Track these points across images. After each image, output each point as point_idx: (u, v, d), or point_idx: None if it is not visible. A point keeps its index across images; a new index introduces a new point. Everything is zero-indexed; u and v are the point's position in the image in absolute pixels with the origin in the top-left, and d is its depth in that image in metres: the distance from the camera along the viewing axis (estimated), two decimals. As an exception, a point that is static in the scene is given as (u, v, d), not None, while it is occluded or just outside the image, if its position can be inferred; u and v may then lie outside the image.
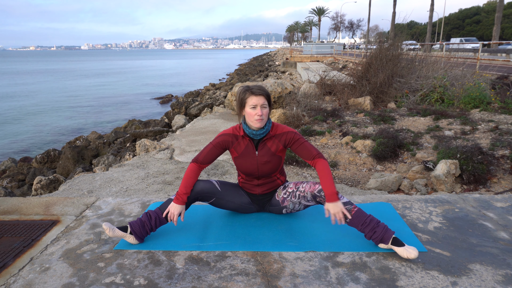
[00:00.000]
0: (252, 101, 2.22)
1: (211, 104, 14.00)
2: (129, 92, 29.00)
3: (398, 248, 2.08)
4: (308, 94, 9.44)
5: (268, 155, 2.35)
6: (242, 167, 2.40)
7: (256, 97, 2.22)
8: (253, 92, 2.23)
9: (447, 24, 67.77)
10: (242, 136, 2.36)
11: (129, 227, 2.25)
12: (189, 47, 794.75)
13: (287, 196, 2.47)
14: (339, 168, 4.67)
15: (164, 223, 2.32)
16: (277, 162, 2.39)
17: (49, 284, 1.91)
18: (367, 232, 2.15)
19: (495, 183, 3.85)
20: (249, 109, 2.23)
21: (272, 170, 2.41)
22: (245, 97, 2.24)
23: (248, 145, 2.36)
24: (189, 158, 5.18)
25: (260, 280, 1.91)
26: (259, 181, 2.45)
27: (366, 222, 2.15)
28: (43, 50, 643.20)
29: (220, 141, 2.36)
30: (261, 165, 2.37)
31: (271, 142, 2.36)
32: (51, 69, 64.60)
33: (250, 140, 2.36)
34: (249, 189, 2.51)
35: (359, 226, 2.17)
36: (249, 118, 2.25)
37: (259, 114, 2.21)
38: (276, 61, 47.24)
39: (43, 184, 5.36)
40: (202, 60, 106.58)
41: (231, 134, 2.37)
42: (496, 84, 9.09)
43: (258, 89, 2.25)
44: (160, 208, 2.32)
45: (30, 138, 14.12)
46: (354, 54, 25.05)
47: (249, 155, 2.36)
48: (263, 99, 2.23)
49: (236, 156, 2.39)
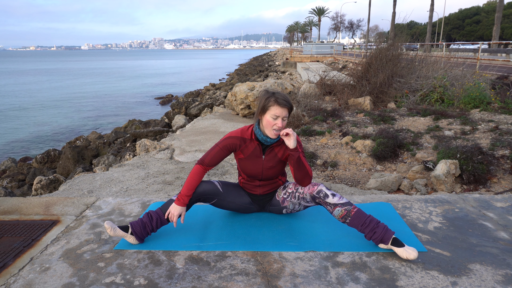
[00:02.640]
0: (276, 111, 2.15)
1: (211, 104, 14.00)
2: (129, 92, 29.00)
3: (398, 249, 2.08)
4: (308, 94, 9.44)
5: (274, 160, 2.35)
6: (246, 169, 2.39)
7: (281, 109, 2.15)
8: (279, 102, 2.15)
9: (447, 24, 67.76)
10: (251, 139, 2.32)
11: (130, 227, 2.25)
12: (189, 47, 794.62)
13: (287, 196, 2.47)
14: (339, 168, 4.67)
15: (165, 223, 2.32)
16: (281, 167, 2.41)
17: (49, 284, 1.91)
18: (367, 232, 2.16)
19: (495, 183, 3.85)
20: (270, 118, 2.17)
21: (275, 174, 2.42)
22: (269, 104, 2.16)
23: (256, 149, 2.33)
24: (189, 158, 5.18)
25: (260, 280, 1.91)
26: (261, 183, 2.45)
27: (365, 222, 2.15)
28: (43, 50, 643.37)
29: (227, 143, 2.31)
30: (266, 170, 2.37)
31: (279, 148, 2.34)
32: (51, 69, 64.59)
33: (258, 144, 2.33)
34: (249, 190, 2.51)
35: (359, 227, 2.17)
36: (267, 126, 2.21)
37: (279, 125, 2.17)
38: (276, 61, 47.24)
39: (43, 184, 5.36)
40: (202, 60, 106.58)
41: (239, 137, 2.32)
42: (496, 84, 9.09)
43: (283, 100, 2.17)
44: (161, 208, 2.32)
45: (30, 138, 14.13)
46: (354, 54, 25.06)
47: (256, 159, 2.34)
48: (286, 112, 2.18)
49: (241, 158, 2.37)
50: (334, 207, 2.21)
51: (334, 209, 2.22)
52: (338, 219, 2.25)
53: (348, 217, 2.19)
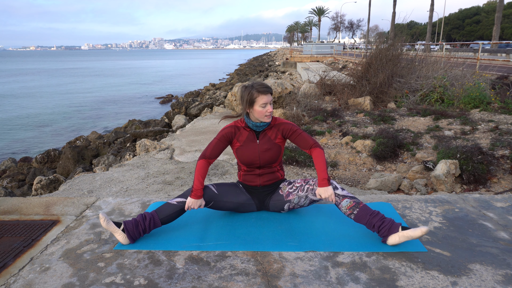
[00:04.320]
0: (262, 100, 2.32)
1: (211, 104, 14.00)
2: (129, 92, 29.00)
3: (408, 231, 2.09)
4: (308, 94, 9.44)
5: (268, 143, 2.45)
6: (244, 156, 2.46)
7: (266, 96, 2.32)
8: (261, 91, 2.32)
9: (447, 24, 67.75)
10: (244, 127, 2.47)
11: (123, 224, 2.27)
12: (189, 47, 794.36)
13: (293, 190, 2.52)
14: (339, 168, 4.67)
15: (158, 225, 2.35)
16: (277, 150, 2.48)
17: (49, 284, 1.91)
18: (376, 221, 2.18)
19: (495, 183, 3.85)
20: (259, 108, 2.33)
21: (272, 158, 2.48)
22: (254, 97, 2.32)
23: (250, 135, 2.47)
24: (189, 158, 5.18)
25: (260, 280, 1.91)
26: (260, 171, 2.50)
27: (374, 212, 2.21)
28: (43, 50, 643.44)
29: (224, 133, 2.45)
30: (262, 153, 2.44)
31: (271, 131, 2.47)
32: (51, 69, 64.59)
33: (251, 131, 2.47)
34: (250, 181, 2.54)
35: (367, 216, 2.20)
36: (259, 115, 2.36)
37: (269, 111, 2.35)
38: (276, 61, 47.24)
39: (43, 184, 5.36)
40: (202, 60, 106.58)
41: (233, 125, 2.48)
42: (496, 84, 9.09)
43: (264, 87, 2.34)
44: (157, 211, 2.36)
45: (30, 138, 14.13)
46: (354, 54, 25.05)
47: (251, 143, 2.45)
48: (270, 96, 2.36)
49: (238, 146, 2.47)
50: (343, 198, 2.28)
51: (343, 200, 2.28)
52: (345, 212, 2.28)
53: (356, 208, 2.24)
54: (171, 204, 2.38)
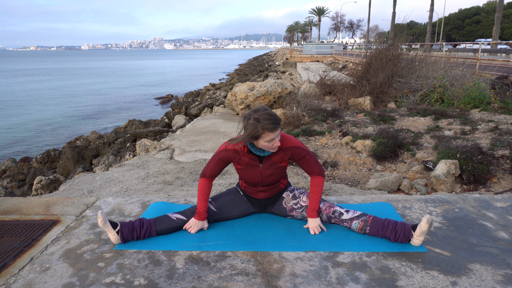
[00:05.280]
0: (268, 137, 2.08)
1: (211, 104, 14.00)
2: (129, 92, 28.99)
3: (418, 230, 2.12)
4: (308, 94, 9.44)
5: (272, 168, 2.33)
6: (246, 178, 2.40)
7: (273, 133, 2.07)
8: (268, 128, 2.04)
9: (447, 24, 67.74)
10: (244, 152, 2.28)
11: (119, 225, 2.27)
12: (189, 47, 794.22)
13: (298, 208, 2.47)
14: (339, 168, 4.67)
15: (153, 235, 2.34)
16: (281, 173, 2.41)
17: (49, 284, 1.91)
18: (389, 233, 2.20)
19: (495, 183, 3.85)
20: (265, 143, 2.12)
21: (276, 180, 2.42)
22: (259, 133, 2.06)
23: (252, 160, 2.30)
24: (189, 158, 5.18)
25: (260, 280, 1.91)
26: (263, 188, 2.46)
27: (384, 225, 2.22)
28: (44, 50, 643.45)
29: (221, 156, 2.31)
30: (266, 177, 2.37)
31: (277, 156, 2.31)
32: (51, 69, 64.59)
33: (254, 155, 2.30)
34: (252, 194, 2.51)
35: (380, 232, 2.23)
36: (264, 147, 2.17)
37: (277, 145, 2.15)
38: (276, 61, 47.23)
39: (43, 184, 5.36)
40: (202, 60, 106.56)
41: (232, 150, 2.27)
42: (496, 84, 9.09)
43: (272, 123, 2.05)
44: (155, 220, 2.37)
45: (30, 138, 14.13)
46: (354, 54, 25.05)
47: (254, 168, 2.33)
48: (278, 131, 2.10)
49: (239, 168, 2.37)
50: (351, 221, 2.30)
51: (352, 223, 2.30)
52: (357, 232, 2.32)
53: (367, 227, 2.26)
54: (170, 218, 2.38)
